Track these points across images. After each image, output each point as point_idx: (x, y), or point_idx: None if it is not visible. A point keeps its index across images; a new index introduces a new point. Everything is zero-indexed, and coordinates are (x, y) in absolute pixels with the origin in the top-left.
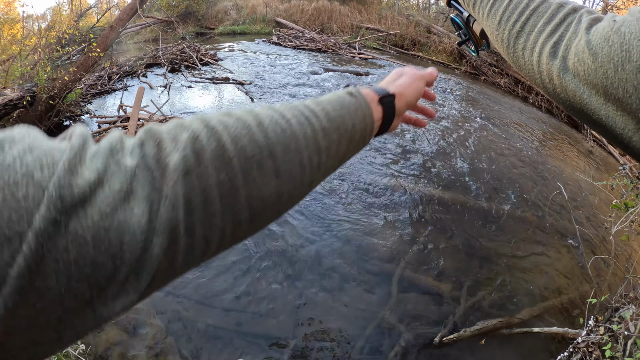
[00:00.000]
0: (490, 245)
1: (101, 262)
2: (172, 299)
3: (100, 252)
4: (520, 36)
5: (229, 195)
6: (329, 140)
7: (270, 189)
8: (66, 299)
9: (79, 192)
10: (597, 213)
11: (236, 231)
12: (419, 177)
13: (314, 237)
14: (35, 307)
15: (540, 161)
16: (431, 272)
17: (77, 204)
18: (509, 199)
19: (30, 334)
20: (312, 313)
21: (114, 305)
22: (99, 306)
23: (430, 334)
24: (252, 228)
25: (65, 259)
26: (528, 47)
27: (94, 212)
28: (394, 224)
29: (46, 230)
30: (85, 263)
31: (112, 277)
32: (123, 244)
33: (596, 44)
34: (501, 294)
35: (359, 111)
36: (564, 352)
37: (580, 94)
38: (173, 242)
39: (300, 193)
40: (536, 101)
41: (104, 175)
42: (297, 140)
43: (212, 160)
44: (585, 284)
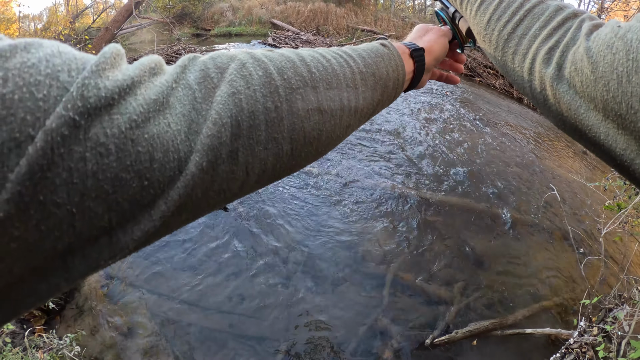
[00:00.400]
0: (482, 247)
1: (125, 180)
2: (165, 301)
3: (125, 167)
4: (512, 39)
5: (274, 124)
6: (366, 85)
7: (312, 124)
8: (79, 222)
9: (107, 94)
10: (590, 214)
11: (276, 165)
12: (412, 179)
13: (306, 239)
14: (39, 227)
15: (534, 162)
16: (424, 274)
17: (102, 107)
18: (502, 200)
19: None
20: (304, 315)
21: (134, 232)
22: (117, 232)
23: (422, 336)
24: (290, 164)
25: (81, 170)
26: (520, 52)
27: (121, 119)
28: (386, 226)
29: (59, 131)
30: (106, 178)
31: (136, 198)
32: (153, 160)
33: (597, 51)
34: (494, 295)
35: (392, 61)
36: (556, 354)
37: (575, 107)
38: (212, 165)
39: (338, 135)
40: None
41: (137, 83)
42: (338, 79)
43: (260, 87)
44: (578, 285)
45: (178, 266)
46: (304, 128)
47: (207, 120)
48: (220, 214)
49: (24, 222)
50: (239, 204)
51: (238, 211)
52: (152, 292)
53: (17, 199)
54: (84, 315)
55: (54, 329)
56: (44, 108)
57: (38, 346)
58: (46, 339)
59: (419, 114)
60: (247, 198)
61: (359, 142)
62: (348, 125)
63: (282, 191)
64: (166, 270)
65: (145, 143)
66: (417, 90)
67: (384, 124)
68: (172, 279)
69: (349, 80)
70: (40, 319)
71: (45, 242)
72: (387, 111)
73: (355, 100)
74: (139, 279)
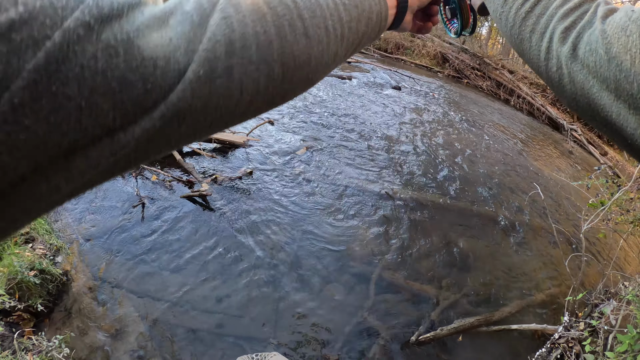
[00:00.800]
0: (468, 245)
1: (130, 80)
2: (153, 302)
3: (131, 69)
4: (529, 17)
5: (264, 47)
6: (350, 15)
7: (301, 48)
8: (86, 117)
9: (117, 6)
10: (574, 212)
11: (269, 87)
12: (398, 179)
13: (292, 239)
14: (49, 119)
15: (520, 162)
16: (409, 273)
17: (113, 16)
18: (487, 199)
19: (35, 154)
20: (291, 314)
21: (134, 130)
22: (118, 133)
23: (408, 333)
24: (283, 88)
25: (92, 67)
26: (537, 31)
27: (129, 27)
28: (373, 225)
29: (75, 31)
30: (113, 76)
31: (139, 100)
32: (156, 67)
33: (612, 33)
34: (479, 292)
35: None
36: (542, 349)
37: (588, 87)
38: (209, 76)
39: (327, 61)
40: (517, 103)
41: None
42: (322, 8)
43: (249, 13)
44: (564, 281)
45: (165, 267)
46: (293, 51)
47: (202, 39)
48: (207, 215)
49: (36, 111)
50: (225, 204)
51: (224, 212)
52: (140, 293)
53: (32, 86)
54: (73, 317)
55: (42, 331)
56: (62, 15)
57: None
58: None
59: (405, 115)
60: (233, 198)
61: (345, 143)
62: (335, 53)
63: (268, 192)
64: (154, 271)
65: (149, 50)
66: (404, 91)
67: (371, 125)
68: (159, 280)
69: (332, 10)
70: (29, 322)
71: (52, 136)
72: (374, 112)
73: (340, 28)
74: (127, 281)
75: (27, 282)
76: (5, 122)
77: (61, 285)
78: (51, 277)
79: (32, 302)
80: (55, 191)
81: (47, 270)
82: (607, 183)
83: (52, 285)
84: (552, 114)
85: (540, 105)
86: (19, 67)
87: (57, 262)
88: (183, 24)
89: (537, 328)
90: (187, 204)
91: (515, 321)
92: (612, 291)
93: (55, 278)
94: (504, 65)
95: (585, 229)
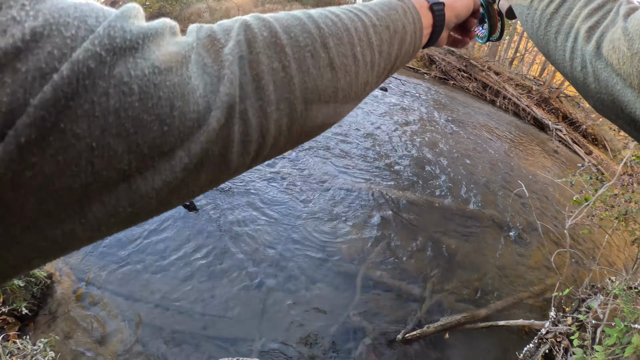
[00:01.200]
0: (454, 243)
1: (146, 122)
2: (138, 305)
3: (146, 109)
4: (554, 18)
5: (283, 84)
6: (381, 39)
7: (326, 81)
8: (98, 159)
9: (131, 37)
10: (559, 209)
11: (292, 127)
12: (384, 179)
13: (278, 239)
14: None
15: (505, 161)
16: (395, 271)
17: (127, 48)
18: (473, 198)
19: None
20: (277, 314)
21: (154, 181)
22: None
23: (394, 332)
24: (308, 126)
25: (104, 105)
26: (562, 31)
27: (145, 63)
28: (358, 224)
29: (85, 63)
30: (127, 117)
31: (156, 143)
32: (174, 107)
33: (634, 30)
34: (466, 290)
35: (408, 14)
36: (530, 344)
37: (612, 84)
38: (229, 122)
39: (356, 92)
40: (503, 104)
41: (160, 35)
42: (349, 33)
43: (264, 48)
44: (550, 277)
45: (151, 269)
46: (318, 86)
47: (222, 79)
48: (191, 216)
49: (43, 148)
50: (210, 205)
51: (209, 213)
52: (125, 295)
53: (40, 123)
54: (58, 320)
55: (27, 335)
56: (71, 45)
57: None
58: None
59: (392, 116)
60: (217, 197)
61: (330, 143)
62: (366, 82)
63: (254, 192)
64: (139, 273)
65: (166, 90)
66: (390, 92)
67: (357, 124)
68: (144, 282)
69: (362, 34)
70: (14, 326)
71: (61, 178)
72: (360, 112)
73: (370, 54)
74: (112, 283)
75: (11, 285)
76: (12, 160)
77: (46, 288)
78: (36, 280)
79: (17, 305)
80: (71, 236)
81: (32, 273)
82: (591, 180)
83: (36, 288)
84: (537, 115)
85: (525, 106)
86: (25, 101)
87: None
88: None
89: (524, 324)
90: None
91: (502, 318)
92: (598, 286)
93: (39, 281)
94: (490, 67)
95: (570, 225)
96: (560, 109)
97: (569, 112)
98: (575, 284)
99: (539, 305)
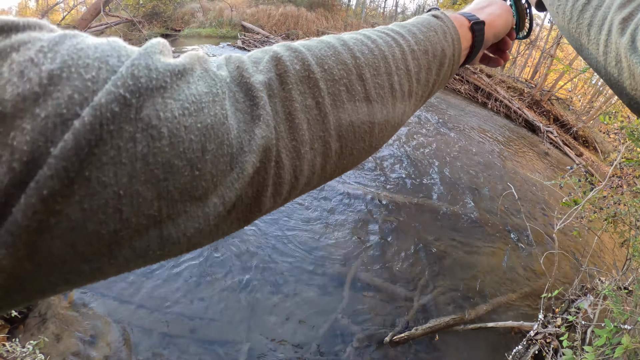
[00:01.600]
0: (443, 245)
1: (177, 167)
2: (127, 307)
3: (177, 154)
4: (586, 10)
5: (317, 122)
6: (419, 65)
7: (362, 116)
8: (127, 207)
9: (158, 75)
10: (549, 211)
11: (326, 166)
12: (373, 180)
13: (266, 242)
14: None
15: (496, 163)
16: (384, 273)
17: (155, 88)
18: (462, 200)
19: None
20: (266, 316)
21: (186, 227)
22: (167, 225)
23: (382, 334)
24: (342, 163)
25: (131, 151)
26: (595, 24)
27: (174, 105)
28: (348, 226)
29: (109, 107)
30: (157, 162)
31: (187, 189)
32: (206, 151)
33: None
34: (455, 292)
35: (447, 35)
36: (518, 346)
37: None
38: (265, 166)
39: (393, 125)
40: (495, 106)
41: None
42: (387, 62)
43: (297, 84)
44: (539, 279)
45: (140, 272)
46: (353, 122)
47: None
48: None
49: (67, 197)
50: None
51: None
52: (114, 298)
53: (62, 175)
54: (48, 322)
55: (17, 337)
56: (92, 89)
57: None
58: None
59: None
60: None
61: None
62: (403, 113)
63: None
64: (128, 276)
65: (198, 132)
66: None
67: None
68: (134, 285)
69: (399, 62)
70: (4, 328)
71: (88, 224)
72: None
73: (408, 83)
74: (102, 286)
75: None
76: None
77: None
78: None
79: None
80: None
81: None
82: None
83: None
84: (528, 117)
85: (517, 108)
86: (46, 150)
87: None
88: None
89: (513, 325)
90: None
91: (491, 319)
92: (588, 286)
93: None
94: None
95: (559, 227)
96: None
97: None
98: (564, 285)
99: (529, 306)
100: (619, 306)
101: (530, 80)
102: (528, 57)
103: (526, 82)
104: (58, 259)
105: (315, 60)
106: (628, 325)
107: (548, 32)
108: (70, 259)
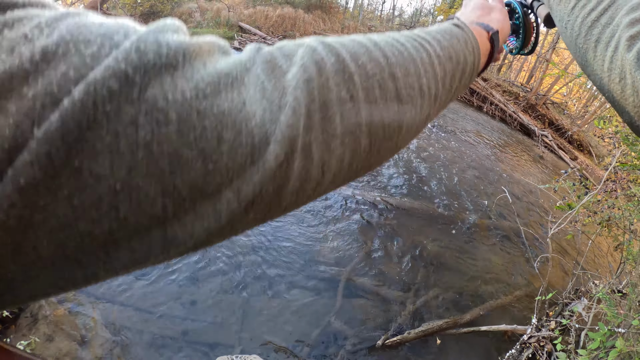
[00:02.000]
0: (437, 249)
1: (186, 159)
2: (119, 308)
3: (187, 143)
4: (595, 26)
5: (350, 116)
6: (444, 70)
7: (392, 115)
8: (124, 205)
9: (169, 52)
10: (543, 215)
11: (353, 163)
12: (368, 183)
13: (259, 244)
14: (71, 201)
15: (491, 167)
16: (378, 277)
17: (163, 66)
18: (456, 203)
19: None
20: (258, 319)
21: (194, 228)
22: (172, 225)
23: (375, 337)
24: (368, 162)
25: (131, 138)
26: (603, 40)
27: (186, 85)
28: (341, 230)
29: (105, 83)
30: (162, 152)
31: (197, 184)
32: (222, 140)
33: None
34: (449, 295)
35: (469, 44)
36: (512, 350)
37: None
38: (289, 159)
39: (417, 127)
40: (490, 110)
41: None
42: (416, 64)
43: (333, 74)
44: (533, 282)
45: (132, 273)
46: (383, 120)
47: (283, 107)
48: None
49: (52, 190)
50: None
51: None
52: (106, 299)
53: (45, 161)
54: (39, 323)
55: (8, 338)
56: (91, 65)
57: None
58: None
59: None
60: None
61: None
62: (427, 116)
63: None
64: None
65: (213, 118)
66: None
67: None
68: (125, 286)
69: (427, 66)
70: None
71: (78, 223)
72: None
73: (435, 86)
74: (93, 286)
75: None
76: (12, 205)
77: None
78: None
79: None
80: (92, 277)
81: None
82: (574, 186)
83: None
84: (524, 121)
85: (512, 112)
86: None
87: None
88: (260, 86)
89: (507, 329)
90: None
91: (485, 323)
92: (582, 290)
93: None
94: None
95: (553, 231)
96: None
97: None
98: (558, 288)
99: (523, 310)
100: (613, 309)
101: (525, 85)
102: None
103: (522, 86)
104: (46, 261)
105: (349, 55)
106: (622, 328)
107: (544, 37)
108: (59, 261)
